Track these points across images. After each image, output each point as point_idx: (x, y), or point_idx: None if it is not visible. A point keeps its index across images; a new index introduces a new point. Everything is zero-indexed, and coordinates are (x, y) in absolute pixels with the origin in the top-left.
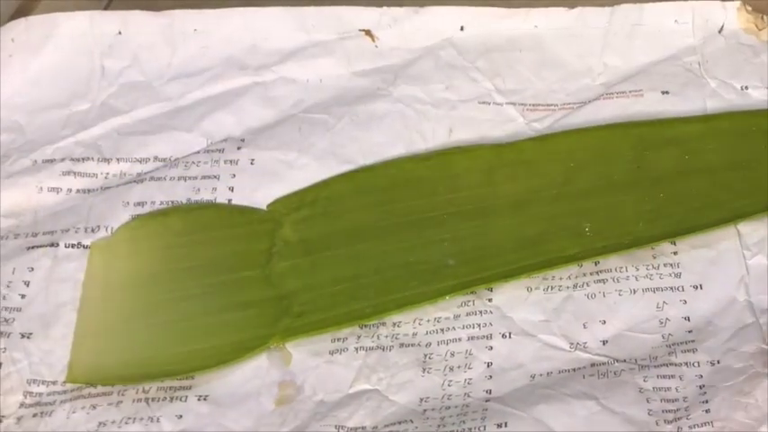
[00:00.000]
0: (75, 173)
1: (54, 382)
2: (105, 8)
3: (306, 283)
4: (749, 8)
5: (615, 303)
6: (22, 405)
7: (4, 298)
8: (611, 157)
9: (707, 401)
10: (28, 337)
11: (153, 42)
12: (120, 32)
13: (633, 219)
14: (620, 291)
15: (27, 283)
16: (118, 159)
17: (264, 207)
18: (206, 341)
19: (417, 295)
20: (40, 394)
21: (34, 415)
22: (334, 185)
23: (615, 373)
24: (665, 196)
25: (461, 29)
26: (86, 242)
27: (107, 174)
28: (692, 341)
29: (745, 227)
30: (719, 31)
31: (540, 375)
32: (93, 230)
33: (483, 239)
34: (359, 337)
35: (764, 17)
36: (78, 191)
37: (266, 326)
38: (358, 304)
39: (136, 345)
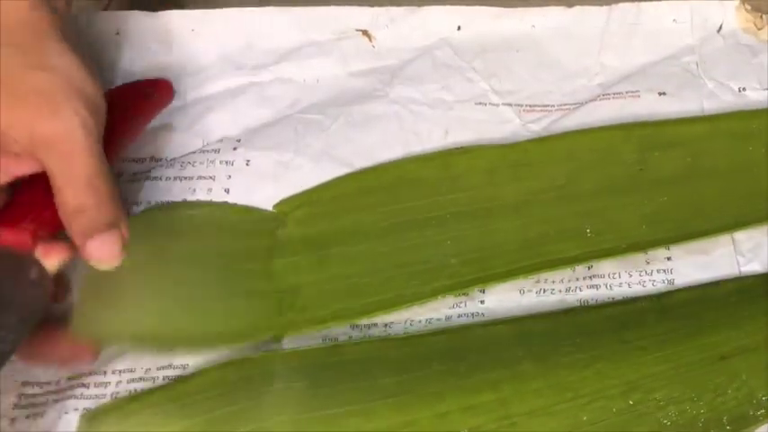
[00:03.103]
0: None
1: (48, 383)
2: (105, 8)
3: (306, 280)
4: (748, 7)
5: None
6: (15, 406)
7: None
8: (613, 159)
9: None
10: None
11: (150, 42)
12: (117, 32)
13: (635, 222)
14: (613, 297)
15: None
16: None
17: (263, 208)
18: (205, 327)
19: (416, 294)
20: (34, 395)
21: (27, 416)
22: (339, 186)
23: None
24: (668, 199)
25: (458, 28)
26: None
27: None
28: None
29: (741, 233)
30: (718, 31)
31: None
32: None
33: (484, 240)
34: (350, 337)
35: (763, 16)
36: None
37: (265, 318)
38: (356, 302)
39: (137, 321)
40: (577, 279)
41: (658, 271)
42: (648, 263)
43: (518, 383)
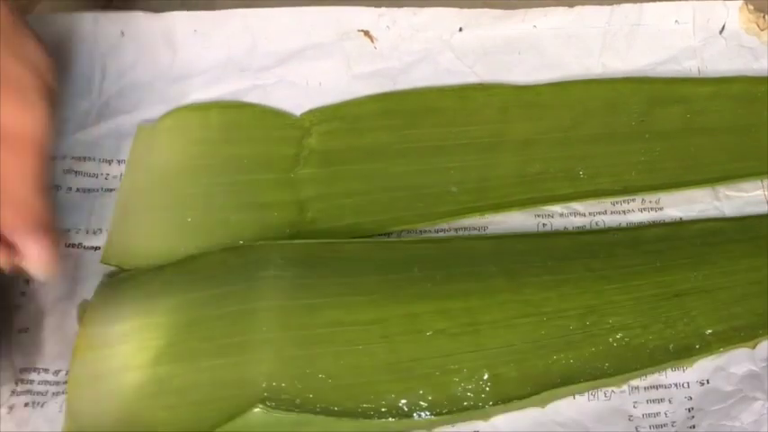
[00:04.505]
0: (75, 171)
1: (46, 370)
2: (104, 8)
3: (321, 192)
4: (751, 7)
5: None
6: (13, 393)
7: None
8: (618, 109)
9: (694, 426)
10: (25, 332)
11: (154, 43)
12: (122, 33)
13: (627, 168)
14: None
15: (27, 281)
16: (119, 161)
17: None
18: (225, 238)
19: (420, 216)
20: (32, 381)
21: (26, 404)
22: (364, 105)
23: (606, 396)
24: (662, 151)
25: (460, 30)
26: (87, 243)
27: (107, 174)
28: None
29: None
30: (720, 32)
31: None
32: (94, 233)
33: (487, 172)
34: None
35: (766, 16)
36: (79, 189)
37: (280, 227)
38: (363, 219)
39: (164, 233)
40: None
41: None
42: None
43: (487, 296)
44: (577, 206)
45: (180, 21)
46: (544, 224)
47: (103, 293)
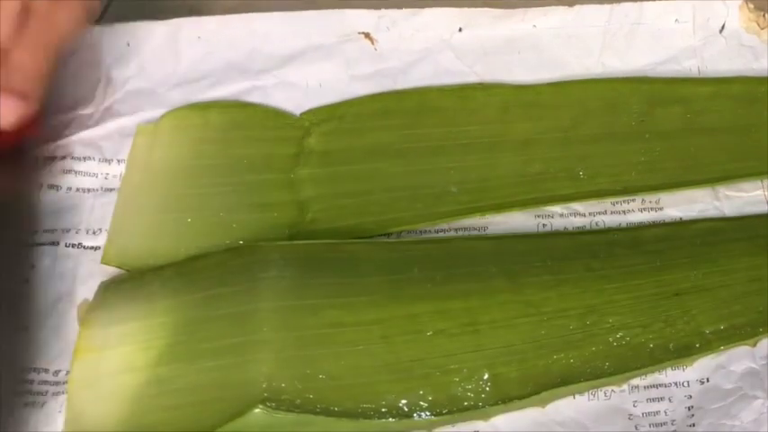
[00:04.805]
0: (75, 171)
1: (46, 370)
2: (104, 9)
3: (321, 193)
4: (751, 6)
5: None
6: (13, 393)
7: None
8: (618, 109)
9: (694, 425)
10: (25, 332)
11: (159, 51)
12: (128, 44)
13: (627, 168)
14: None
15: (27, 281)
16: (119, 161)
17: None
18: (225, 239)
19: (419, 216)
20: (32, 381)
21: (26, 404)
22: (364, 103)
23: (606, 396)
24: (662, 151)
25: (459, 30)
26: (87, 243)
27: (107, 174)
28: None
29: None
30: (720, 31)
31: None
32: (94, 233)
33: (487, 172)
34: None
35: (766, 15)
36: (78, 189)
37: (280, 228)
38: (363, 219)
39: (164, 234)
40: None
41: None
42: None
43: (487, 296)
44: (577, 206)
45: (184, 28)
46: (544, 224)
47: (104, 294)
